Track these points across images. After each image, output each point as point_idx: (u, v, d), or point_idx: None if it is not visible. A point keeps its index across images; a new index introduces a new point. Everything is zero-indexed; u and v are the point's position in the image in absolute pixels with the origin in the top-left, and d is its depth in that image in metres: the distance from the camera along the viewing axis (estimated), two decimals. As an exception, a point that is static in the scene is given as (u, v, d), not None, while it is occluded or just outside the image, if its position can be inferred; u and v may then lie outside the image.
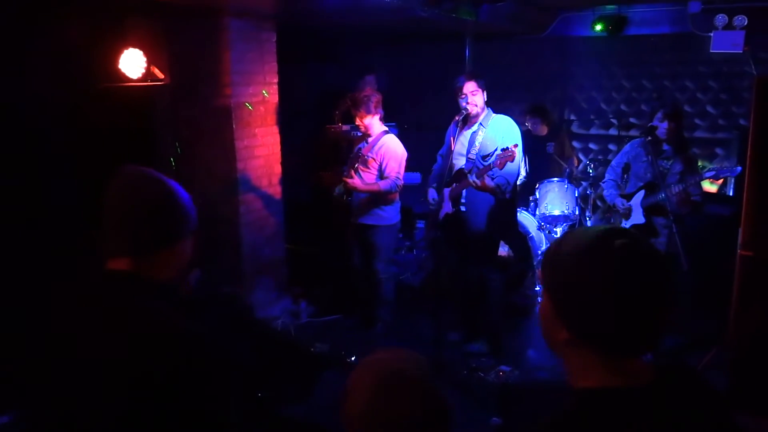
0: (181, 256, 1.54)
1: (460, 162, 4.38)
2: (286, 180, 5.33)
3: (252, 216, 5.00)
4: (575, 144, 7.07)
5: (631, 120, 6.69)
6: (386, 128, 4.74)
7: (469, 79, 4.30)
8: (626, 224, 4.59)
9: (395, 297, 5.01)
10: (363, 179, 4.65)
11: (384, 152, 4.60)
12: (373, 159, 4.61)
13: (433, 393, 1.35)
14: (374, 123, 4.63)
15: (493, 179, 4.14)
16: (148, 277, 1.46)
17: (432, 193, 4.57)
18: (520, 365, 4.42)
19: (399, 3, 3.90)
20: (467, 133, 4.38)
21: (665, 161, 4.49)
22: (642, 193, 4.53)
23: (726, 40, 5.84)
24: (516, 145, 4.00)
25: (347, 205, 4.78)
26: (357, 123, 4.66)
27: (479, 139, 4.30)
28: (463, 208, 4.37)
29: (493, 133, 4.28)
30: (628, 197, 4.63)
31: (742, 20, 5.72)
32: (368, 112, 4.56)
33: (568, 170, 6.21)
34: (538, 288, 5.73)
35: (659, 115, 4.51)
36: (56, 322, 1.43)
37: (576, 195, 6.03)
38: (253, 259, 5.04)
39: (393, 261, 4.91)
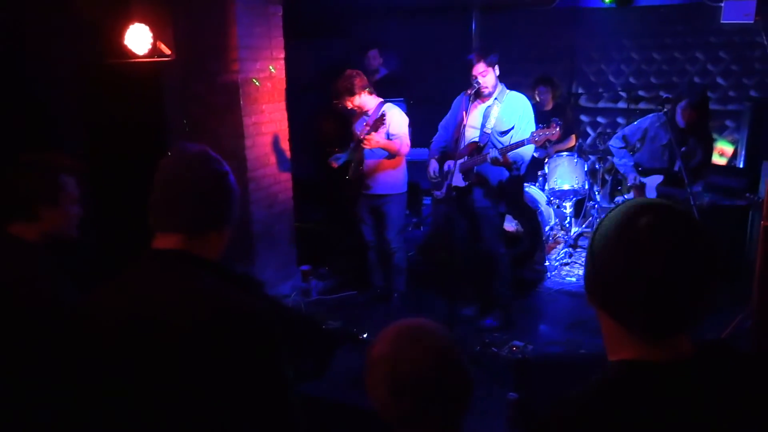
0: (224, 242, 1.54)
1: (471, 135, 4.34)
2: (293, 157, 5.29)
3: (261, 193, 4.96)
4: (583, 117, 7.01)
5: (640, 93, 6.63)
6: (380, 99, 4.69)
7: (478, 60, 4.24)
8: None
9: (407, 266, 5.06)
10: (371, 151, 4.64)
11: (390, 119, 4.59)
12: (382, 124, 4.59)
13: (460, 364, 1.38)
14: (365, 99, 4.59)
15: (510, 156, 4.17)
16: (199, 256, 1.45)
17: (434, 165, 4.54)
18: (532, 340, 4.42)
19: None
20: (481, 107, 4.37)
21: (684, 148, 4.45)
22: (659, 177, 4.50)
23: (737, 10, 5.75)
24: (559, 124, 4.04)
25: (356, 179, 4.75)
26: (349, 107, 4.62)
27: (494, 113, 4.29)
28: (472, 179, 4.37)
29: (509, 110, 4.28)
30: (643, 173, 4.62)
31: (754, -11, 5.64)
32: (352, 94, 4.52)
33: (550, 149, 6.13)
34: (547, 263, 5.72)
35: (683, 103, 4.46)
36: (120, 304, 1.40)
37: (585, 169, 5.99)
38: (263, 237, 5.01)
39: (404, 228, 4.96)
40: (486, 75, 4.24)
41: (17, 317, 1.80)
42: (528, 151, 4.24)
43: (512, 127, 4.23)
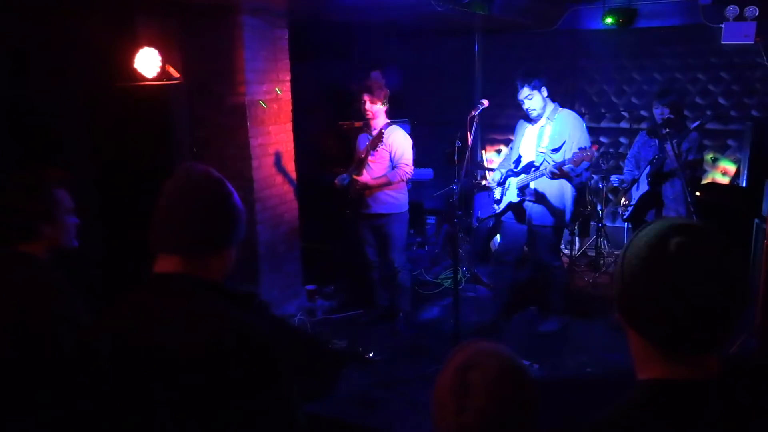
0: (228, 263, 1.52)
1: (528, 156, 4.53)
2: (298, 177, 5.34)
3: (267, 213, 5.00)
4: (586, 137, 7.05)
5: (642, 113, 6.68)
6: (389, 121, 4.77)
7: (522, 85, 4.42)
8: (635, 198, 4.95)
9: (411, 285, 5.11)
10: (372, 171, 4.71)
11: (393, 140, 4.66)
12: (384, 148, 4.67)
13: (534, 382, 1.35)
14: (380, 113, 4.69)
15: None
16: (204, 278, 1.44)
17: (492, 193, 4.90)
18: (539, 360, 4.41)
19: (417, -1, 3.90)
20: (535, 128, 4.56)
21: (672, 144, 4.59)
22: (648, 168, 4.77)
23: (737, 31, 5.81)
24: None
25: (356, 197, 4.80)
26: (365, 107, 4.68)
27: (547, 132, 4.46)
28: (530, 198, 4.54)
29: (560, 128, 4.44)
30: (636, 181, 4.94)
31: (753, 11, 5.70)
32: (378, 99, 4.63)
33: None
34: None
35: (655, 103, 4.81)
36: (123, 329, 1.39)
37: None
38: (269, 257, 5.04)
39: (407, 248, 5.02)
40: (532, 98, 4.41)
41: (37, 337, 1.82)
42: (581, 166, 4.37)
43: (563, 143, 4.37)
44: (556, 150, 4.41)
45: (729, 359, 1.14)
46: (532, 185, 4.52)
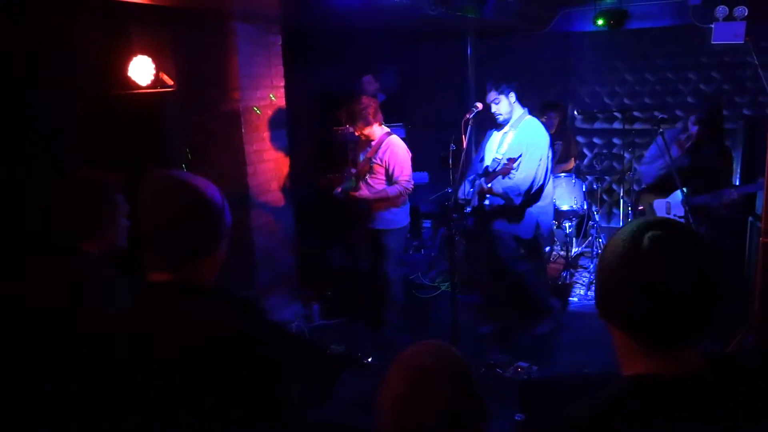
0: (219, 261, 1.51)
1: (489, 160, 4.48)
2: (294, 183, 5.34)
3: (263, 220, 5.00)
4: (579, 139, 7.09)
5: (635, 113, 6.71)
6: (387, 130, 4.69)
7: (490, 89, 4.38)
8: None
9: (404, 299, 5.01)
10: (371, 186, 4.64)
11: (389, 157, 4.55)
12: (379, 164, 4.57)
13: (465, 392, 1.38)
14: (375, 130, 4.58)
15: (502, 186, 4.25)
16: (197, 284, 1.44)
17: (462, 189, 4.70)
18: (537, 360, 4.42)
19: (410, 2, 3.91)
20: (499, 134, 4.53)
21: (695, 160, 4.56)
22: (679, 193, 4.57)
23: (727, 31, 5.84)
24: (514, 160, 4.12)
25: (355, 207, 4.74)
26: (357, 134, 4.60)
27: (507, 140, 4.41)
28: (486, 203, 4.47)
29: (520, 138, 4.36)
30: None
31: (742, 11, 5.73)
32: (367, 124, 4.49)
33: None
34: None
35: (692, 118, 4.62)
36: (121, 338, 1.39)
37: (584, 189, 6.06)
38: (265, 263, 5.04)
39: (402, 262, 4.93)
40: (498, 103, 4.36)
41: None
42: (522, 180, 4.26)
43: (520, 155, 4.26)
44: (512, 161, 4.27)
45: (712, 355, 1.15)
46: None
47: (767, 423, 1.12)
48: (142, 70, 4.29)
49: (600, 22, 6.37)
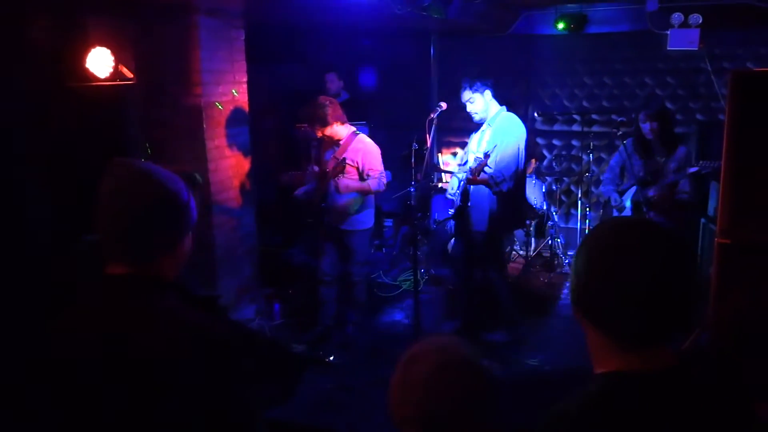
0: (182, 257, 1.48)
1: (472, 161, 4.46)
2: (255, 180, 5.28)
3: (224, 217, 4.93)
4: (539, 140, 7.20)
5: (594, 116, 6.84)
6: (353, 129, 4.59)
7: (465, 87, 4.38)
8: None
9: (367, 299, 4.97)
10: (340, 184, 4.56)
11: (362, 156, 4.46)
12: (351, 165, 4.46)
13: (487, 387, 1.37)
14: (337, 129, 4.47)
15: (487, 172, 4.25)
16: (157, 278, 1.40)
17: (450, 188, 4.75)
18: (499, 360, 4.46)
19: (377, 1, 3.90)
20: (479, 133, 4.53)
21: (660, 159, 4.69)
22: (634, 189, 4.76)
23: (682, 37, 6.03)
24: (488, 155, 4.12)
25: (317, 205, 4.66)
26: (319, 135, 4.49)
27: (486, 137, 4.42)
28: (470, 203, 4.46)
29: (495, 132, 4.37)
30: (622, 193, 4.86)
31: (697, 18, 5.92)
32: (325, 125, 4.38)
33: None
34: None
35: (642, 116, 4.75)
36: (78, 333, 1.35)
37: (543, 190, 6.16)
38: (226, 261, 4.97)
39: (366, 262, 4.89)
40: (473, 102, 4.37)
41: None
42: (505, 166, 4.26)
43: (495, 146, 4.25)
44: (488, 155, 4.29)
45: (683, 352, 1.18)
46: (473, 188, 4.44)
47: (736, 418, 1.16)
48: (100, 62, 4.17)
49: (560, 25, 6.51)
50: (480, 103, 4.38)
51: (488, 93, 4.39)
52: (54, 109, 3.85)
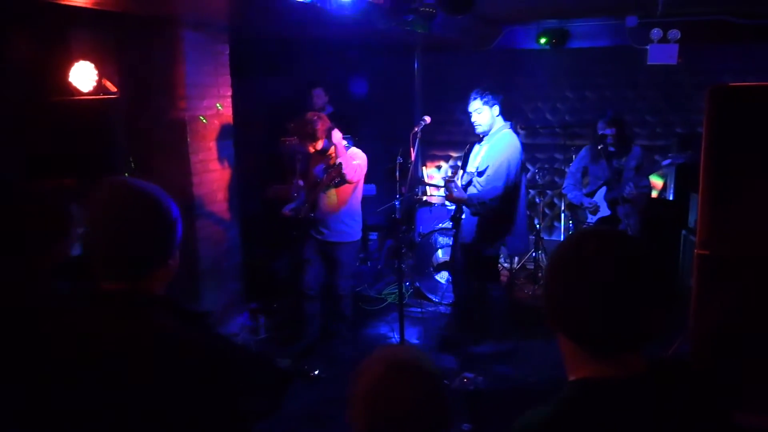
0: (172, 271, 1.49)
1: (466, 173, 4.54)
2: (240, 194, 5.27)
3: (208, 230, 4.91)
4: (522, 153, 7.25)
5: (576, 130, 6.92)
6: (345, 144, 4.52)
7: (475, 97, 4.35)
8: (594, 218, 5.04)
9: (353, 312, 4.96)
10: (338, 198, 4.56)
11: (353, 170, 4.42)
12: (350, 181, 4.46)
13: (435, 394, 1.38)
14: (327, 143, 4.47)
15: (468, 194, 4.28)
16: (149, 293, 1.41)
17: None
18: (483, 372, 4.47)
19: (361, 16, 3.94)
20: (478, 147, 4.52)
21: (618, 160, 4.95)
22: (604, 189, 4.97)
23: (662, 52, 6.16)
24: (451, 180, 4.28)
25: (303, 219, 4.67)
26: (312, 151, 4.50)
27: (481, 153, 4.41)
28: (463, 216, 4.50)
29: (490, 151, 4.36)
30: (591, 195, 5.07)
31: (675, 34, 6.05)
32: (314, 139, 4.40)
33: None
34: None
35: (601, 124, 4.99)
36: (70, 347, 1.35)
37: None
38: (210, 274, 4.95)
39: (353, 276, 4.89)
40: (480, 113, 4.35)
41: None
42: (486, 189, 4.27)
43: (487, 167, 4.27)
44: (481, 173, 4.34)
45: (655, 359, 1.20)
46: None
47: (706, 424, 1.18)
48: (84, 76, 4.18)
49: (542, 40, 6.61)
50: (486, 116, 4.35)
51: (496, 108, 4.38)
52: (37, 124, 3.84)
